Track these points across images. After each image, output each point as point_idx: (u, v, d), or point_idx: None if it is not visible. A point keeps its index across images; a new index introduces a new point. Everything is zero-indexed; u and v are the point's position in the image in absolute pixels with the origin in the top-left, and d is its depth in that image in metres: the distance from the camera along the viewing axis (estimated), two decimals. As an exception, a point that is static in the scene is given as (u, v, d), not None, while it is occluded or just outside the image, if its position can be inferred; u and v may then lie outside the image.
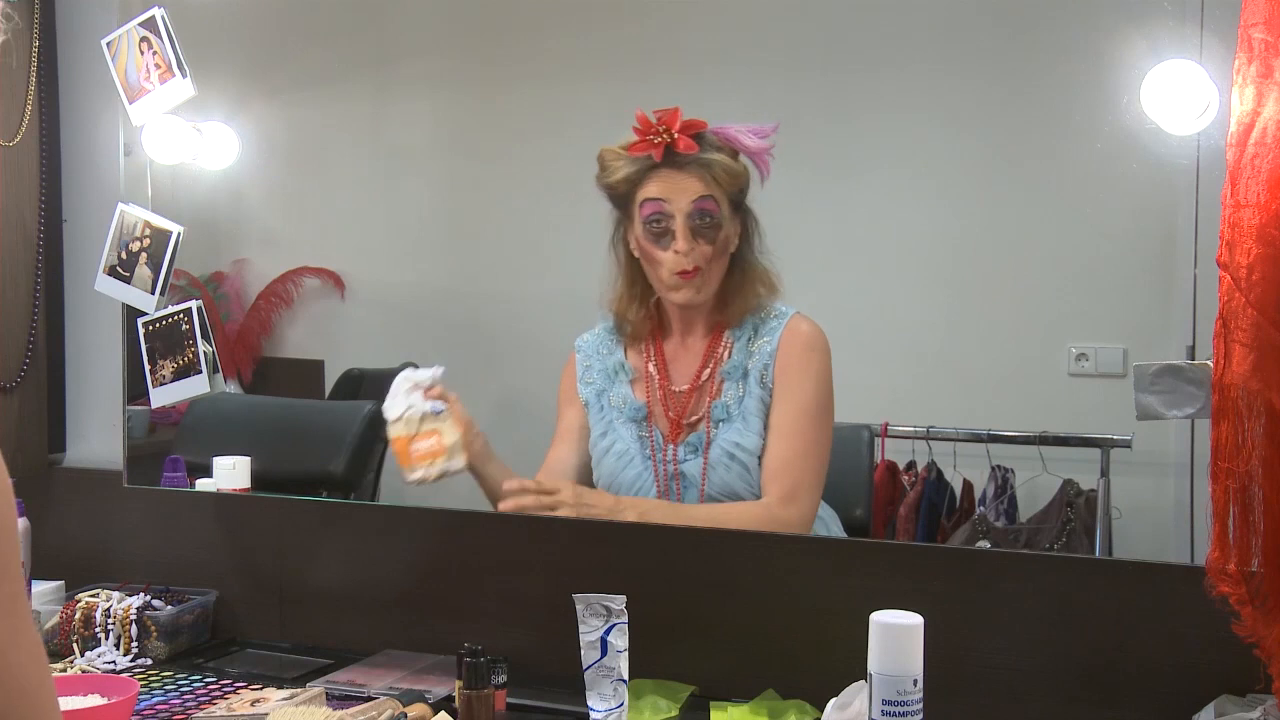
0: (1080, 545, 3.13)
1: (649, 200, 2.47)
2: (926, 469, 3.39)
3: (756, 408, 2.51)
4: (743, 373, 2.52)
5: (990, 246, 3.90)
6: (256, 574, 3.17)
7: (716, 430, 2.53)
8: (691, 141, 2.46)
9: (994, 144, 3.85)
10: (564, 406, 2.64)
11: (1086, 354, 3.76)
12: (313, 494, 3.37)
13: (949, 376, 3.92)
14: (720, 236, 2.44)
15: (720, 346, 2.55)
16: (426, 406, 2.46)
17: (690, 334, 2.56)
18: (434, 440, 2.46)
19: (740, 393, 2.52)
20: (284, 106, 4.65)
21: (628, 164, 2.49)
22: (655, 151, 2.43)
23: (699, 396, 2.54)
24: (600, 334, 2.77)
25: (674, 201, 2.45)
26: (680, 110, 2.43)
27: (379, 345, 4.66)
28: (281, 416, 3.72)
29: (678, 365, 2.58)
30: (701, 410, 2.56)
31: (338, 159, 4.77)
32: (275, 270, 4.77)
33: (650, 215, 2.44)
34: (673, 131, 2.46)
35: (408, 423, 2.45)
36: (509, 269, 4.60)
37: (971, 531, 3.22)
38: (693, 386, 2.54)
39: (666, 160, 2.45)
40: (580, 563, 2.72)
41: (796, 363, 2.54)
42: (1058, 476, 3.30)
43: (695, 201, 2.45)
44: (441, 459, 2.44)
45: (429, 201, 4.68)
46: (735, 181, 2.50)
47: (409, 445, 2.46)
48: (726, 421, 2.52)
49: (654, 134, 2.47)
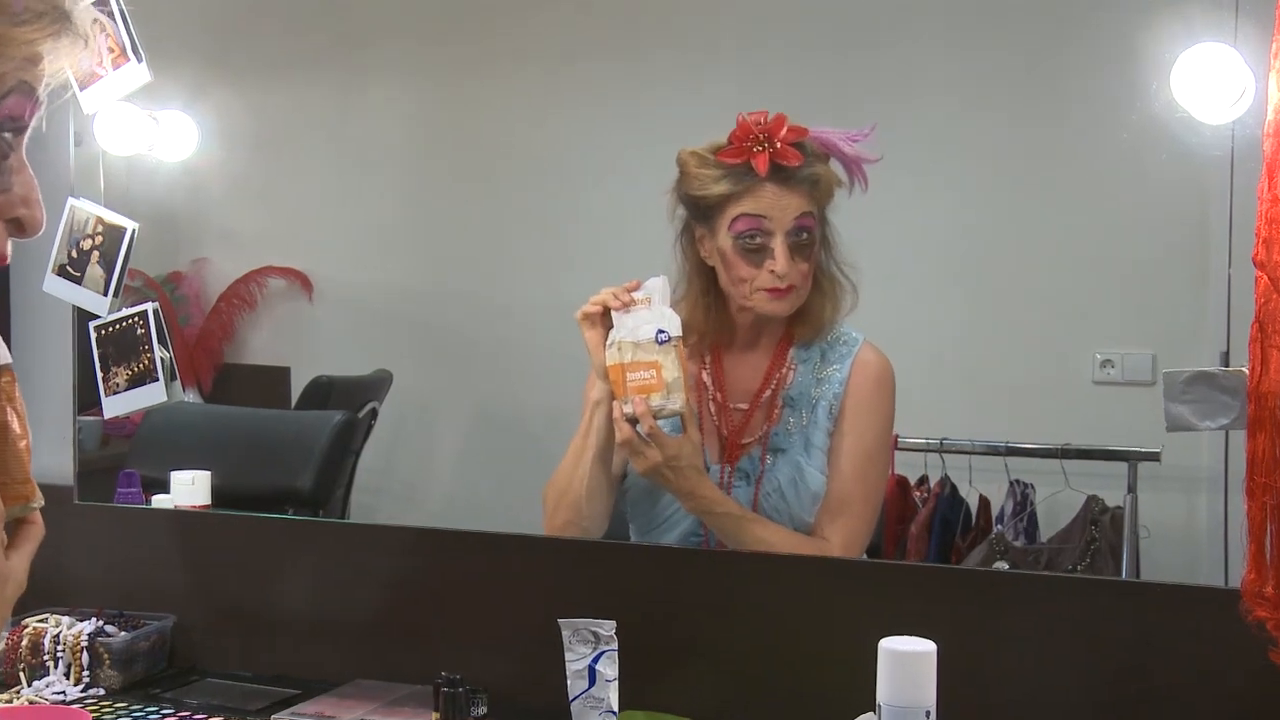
0: (1105, 566, 3.13)
1: (745, 216, 2.41)
2: (940, 484, 3.39)
3: (823, 443, 2.48)
4: (808, 401, 2.50)
5: (1008, 244, 3.90)
6: (217, 597, 3.17)
7: (774, 460, 2.50)
8: (797, 153, 2.40)
9: (1011, 134, 3.85)
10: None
11: (1112, 360, 3.76)
12: (278, 511, 3.37)
13: (964, 384, 3.92)
14: (815, 252, 2.42)
15: (784, 366, 2.52)
16: (650, 332, 2.36)
17: (753, 346, 2.53)
18: (651, 373, 2.37)
19: (804, 422, 2.50)
20: (247, 93, 4.64)
21: (724, 177, 2.41)
22: (758, 163, 2.37)
23: (756, 418, 2.52)
24: None
25: (774, 219, 2.40)
26: (785, 117, 2.37)
27: (349, 351, 4.65)
28: (244, 427, 3.72)
29: (736, 379, 2.55)
30: (757, 433, 2.53)
31: (305, 150, 4.76)
32: (237, 270, 4.77)
33: (746, 232, 2.39)
34: (775, 141, 2.40)
35: (621, 348, 2.37)
36: (491, 269, 4.59)
37: (988, 551, 3.22)
38: (752, 406, 2.52)
39: (771, 174, 2.40)
40: (567, 584, 2.72)
41: (866, 400, 2.52)
42: (1081, 492, 3.30)
43: (797, 219, 2.40)
44: (658, 394, 2.36)
45: (403, 196, 4.67)
46: (831, 194, 2.47)
47: (624, 374, 2.38)
48: (785, 453, 2.50)
49: (755, 142, 2.40)
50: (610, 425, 2.44)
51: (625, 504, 2.70)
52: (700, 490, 2.46)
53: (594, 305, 2.46)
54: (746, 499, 2.53)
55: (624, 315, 2.44)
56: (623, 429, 2.40)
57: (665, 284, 2.48)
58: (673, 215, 2.51)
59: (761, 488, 2.51)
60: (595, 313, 2.47)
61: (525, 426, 4.41)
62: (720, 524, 2.50)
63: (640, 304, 2.43)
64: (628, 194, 3.91)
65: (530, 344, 4.37)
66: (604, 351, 2.42)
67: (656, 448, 2.39)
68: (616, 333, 2.43)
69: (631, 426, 2.38)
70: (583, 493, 2.55)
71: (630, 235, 3.93)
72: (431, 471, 4.71)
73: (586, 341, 2.41)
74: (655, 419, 2.37)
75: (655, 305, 2.43)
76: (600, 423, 2.49)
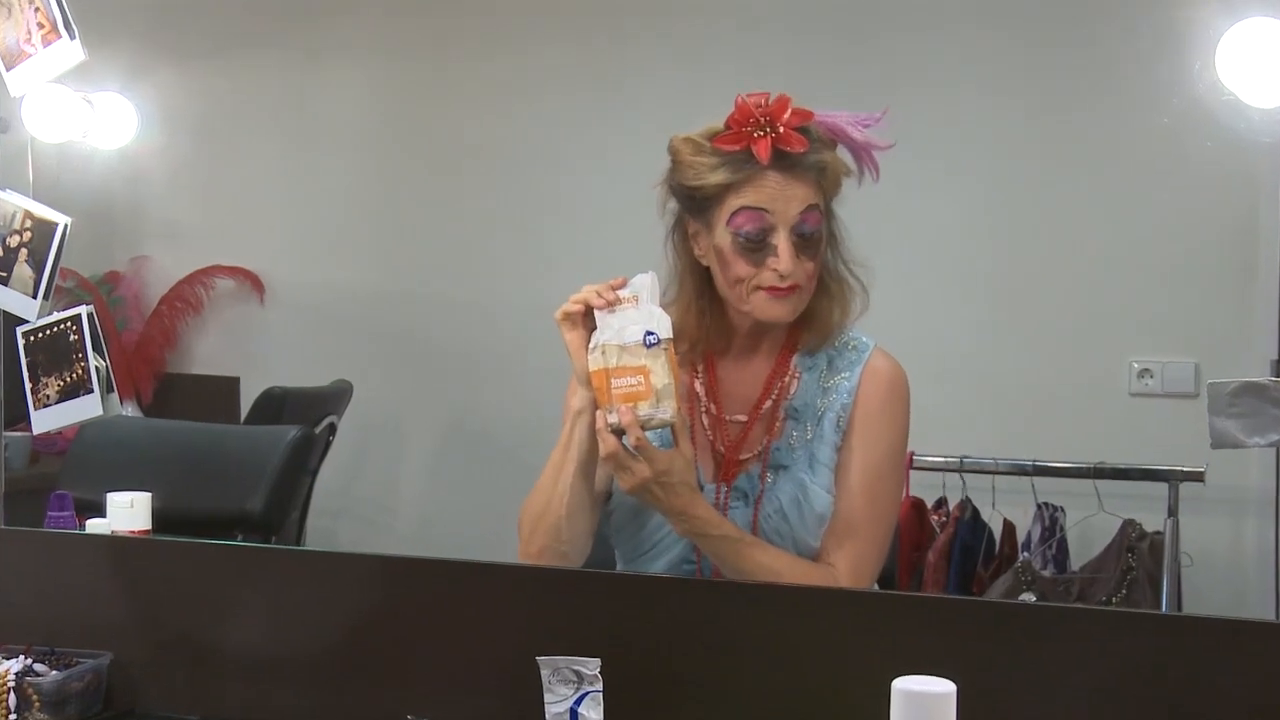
0: (1144, 598, 3.12)
1: (746, 209, 2.35)
2: (960, 507, 3.39)
3: (829, 459, 2.45)
4: (813, 414, 2.46)
5: (1034, 241, 3.90)
6: (159, 633, 3.15)
7: (774, 478, 2.47)
8: (802, 138, 2.36)
9: (1038, 120, 3.85)
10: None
11: (1151, 370, 3.75)
12: (227, 537, 3.36)
13: (986, 396, 3.91)
14: (822, 249, 2.38)
15: (786, 374, 2.48)
16: (637, 334, 2.32)
17: (753, 353, 2.49)
18: (639, 379, 2.33)
19: (808, 436, 2.45)
20: (192, 74, 4.64)
21: (721, 165, 2.36)
22: (759, 150, 2.33)
23: (755, 431, 2.48)
24: None
25: (777, 212, 2.35)
26: (788, 98, 2.34)
27: (305, 359, 4.64)
28: (188, 444, 3.70)
29: (733, 389, 2.50)
30: (756, 448, 2.50)
31: (256, 137, 4.75)
32: (181, 270, 4.76)
33: (746, 227, 2.36)
34: (778, 125, 2.36)
35: (605, 351, 2.34)
36: (463, 268, 4.58)
37: (1014, 582, 3.22)
38: (751, 419, 2.47)
39: (773, 162, 2.36)
40: (547, 617, 2.70)
41: (878, 411, 2.47)
42: (1117, 516, 3.29)
43: (803, 212, 2.35)
44: (646, 403, 2.33)
45: (366, 188, 4.66)
46: (839, 185, 2.43)
47: (608, 380, 2.34)
48: (788, 470, 2.46)
49: (755, 126, 2.36)
50: (593, 437, 2.41)
51: (609, 526, 2.67)
52: (693, 510, 2.42)
53: (575, 304, 2.43)
54: (745, 521, 2.50)
55: (608, 315, 2.42)
56: (607, 441, 2.37)
57: (654, 281, 2.45)
58: (663, 210, 2.48)
59: (761, 508, 2.48)
60: (576, 312, 2.43)
61: (502, 442, 4.40)
62: (715, 548, 2.47)
63: (626, 303, 2.40)
64: (613, 186, 3.90)
65: (507, 350, 4.36)
66: (586, 355, 2.40)
67: (644, 462, 2.35)
68: (600, 335, 2.41)
69: (617, 438, 2.35)
70: (562, 513, 2.52)
71: (616, 231, 3.91)
72: (397, 492, 4.70)
73: (567, 344, 2.38)
74: (643, 430, 2.34)
75: (643, 304, 2.41)
76: (582, 434, 2.46)
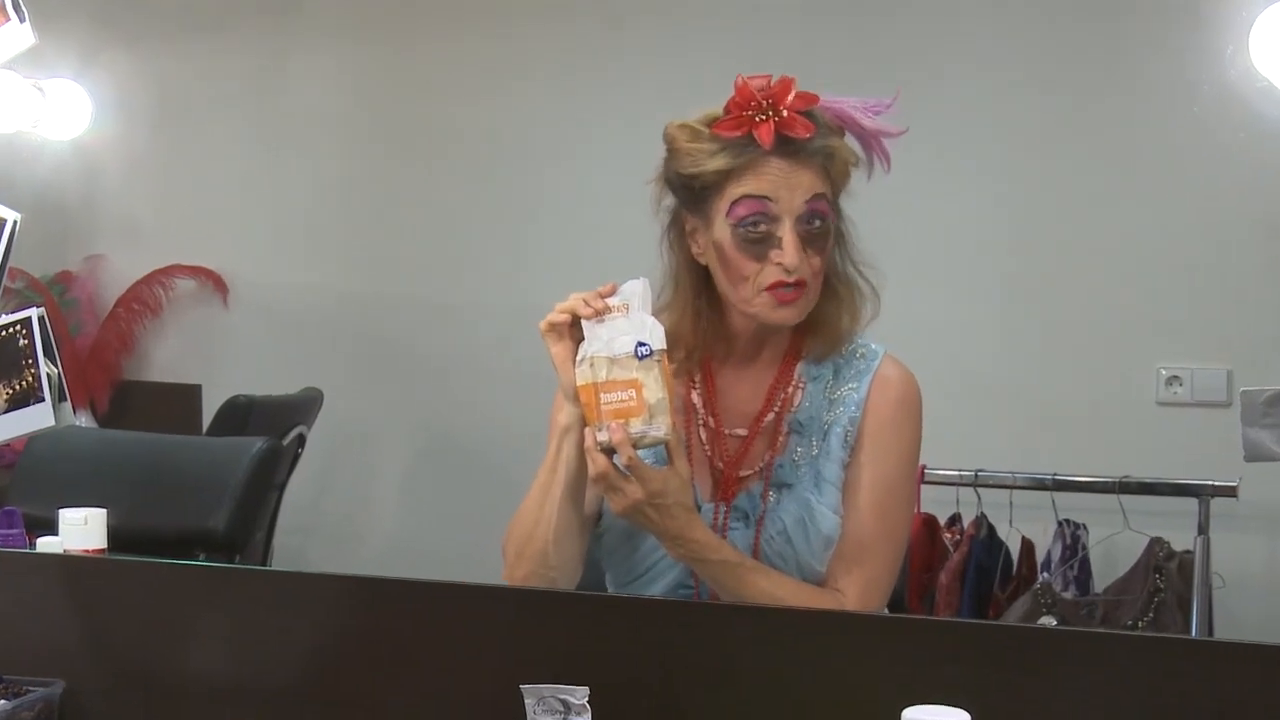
0: (1172, 622, 3.13)
1: (748, 198, 2.34)
2: (975, 524, 3.40)
3: (836, 476, 2.44)
4: (819, 427, 2.45)
5: (1055, 239, 3.90)
6: (115, 659, 3.16)
7: (778, 497, 2.47)
8: (807, 122, 2.36)
9: (1060, 108, 3.85)
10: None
11: (1180, 377, 3.75)
12: (187, 556, 3.36)
13: (1003, 405, 3.91)
14: (830, 244, 2.38)
15: (790, 384, 2.47)
16: (628, 345, 2.32)
17: (753, 361, 2.48)
18: (630, 394, 2.33)
19: (813, 451, 2.44)
20: (150, 59, 4.63)
21: (721, 150, 2.36)
22: (762, 134, 2.33)
23: (757, 447, 2.48)
24: None
25: (782, 201, 2.34)
26: (793, 80, 2.34)
27: (271, 365, 4.63)
28: (146, 457, 3.70)
29: (732, 400, 2.50)
30: (757, 465, 2.49)
31: (220, 127, 4.75)
32: (139, 270, 4.75)
33: (748, 217, 2.34)
34: (781, 109, 2.36)
35: (594, 364, 2.34)
36: (441, 269, 4.58)
37: (1033, 604, 3.23)
38: (752, 433, 2.47)
39: (777, 147, 2.36)
40: (532, 643, 2.71)
41: (889, 424, 2.46)
42: (1143, 534, 3.30)
43: (809, 201, 2.34)
44: (638, 419, 2.32)
45: (337, 182, 4.66)
46: (847, 175, 2.43)
47: (597, 395, 2.34)
48: (791, 489, 2.46)
49: (757, 110, 2.36)
50: (582, 456, 2.41)
51: (600, 549, 2.67)
52: (689, 533, 2.42)
53: (560, 314, 2.43)
54: (745, 544, 2.49)
55: (597, 325, 2.41)
56: (596, 460, 2.36)
57: (646, 288, 2.44)
58: (658, 207, 2.48)
59: (763, 530, 2.48)
60: (562, 323, 2.43)
61: (483, 455, 4.40)
62: (714, 574, 2.47)
63: (616, 312, 2.40)
64: (604, 179, 3.90)
65: (489, 356, 4.36)
66: (573, 369, 2.40)
67: (637, 483, 2.35)
68: (588, 346, 2.40)
69: (607, 457, 2.35)
70: (550, 537, 2.52)
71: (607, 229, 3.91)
72: (370, 509, 4.70)
73: (552, 357, 2.38)
74: (635, 448, 2.34)
75: (634, 313, 2.41)
76: (570, 453, 2.45)
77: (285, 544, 3.97)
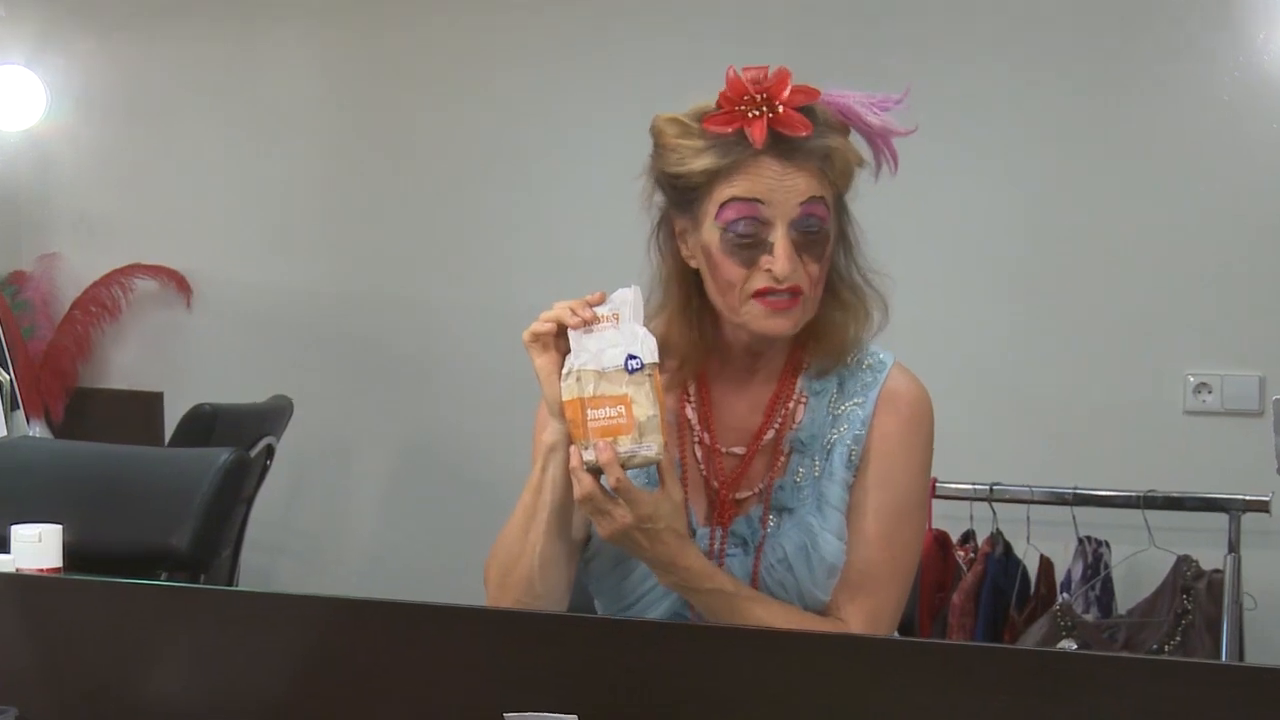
0: (1200, 645, 3.12)
1: (737, 201, 2.30)
2: (989, 541, 3.39)
3: (840, 499, 2.41)
4: (822, 445, 2.42)
5: (1075, 239, 3.88)
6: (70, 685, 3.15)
7: (778, 521, 2.44)
8: (805, 120, 2.32)
9: (1080, 100, 3.84)
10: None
11: (1209, 384, 3.74)
12: (149, 576, 3.35)
13: (1019, 414, 3.90)
14: (828, 250, 2.34)
15: (791, 399, 2.44)
16: (618, 358, 2.28)
17: (752, 372, 2.45)
18: (619, 410, 2.29)
19: (816, 472, 2.41)
20: (109, 44, 4.62)
21: (709, 149, 2.31)
22: (754, 131, 2.28)
23: (755, 467, 2.45)
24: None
25: (774, 204, 2.30)
26: (789, 72, 2.31)
27: (238, 372, 4.62)
28: (105, 469, 3.69)
29: (729, 416, 2.47)
30: (756, 486, 2.46)
31: (184, 117, 4.73)
32: (97, 269, 4.74)
33: (737, 221, 2.31)
34: (776, 103, 2.32)
35: (580, 378, 2.30)
36: (421, 270, 4.57)
37: (1051, 627, 3.22)
38: (750, 451, 2.44)
39: (770, 145, 2.32)
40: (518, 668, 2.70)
41: (897, 444, 2.42)
42: (1169, 552, 3.29)
43: (804, 205, 2.29)
44: (627, 438, 2.28)
45: (309, 177, 4.64)
46: (850, 176, 2.39)
47: (584, 411, 2.30)
48: (793, 513, 2.43)
49: (750, 105, 2.32)
50: (568, 477, 2.39)
51: (588, 575, 2.65)
52: (681, 561, 2.40)
53: (545, 323, 2.40)
54: (744, 571, 2.47)
55: (584, 336, 2.39)
56: (582, 481, 2.33)
57: (638, 296, 2.41)
58: (648, 204, 2.45)
59: (763, 557, 2.45)
60: (547, 333, 2.40)
61: (464, 468, 4.38)
62: (709, 603, 2.46)
63: (605, 321, 2.38)
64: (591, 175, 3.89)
65: (471, 363, 4.34)
66: (559, 382, 2.38)
67: (626, 506, 2.33)
68: (575, 359, 2.38)
69: (593, 478, 2.33)
70: (535, 564, 2.49)
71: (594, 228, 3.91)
72: (345, 525, 4.69)
73: (536, 370, 2.35)
74: (624, 469, 2.31)
75: (625, 323, 2.38)
76: (555, 474, 2.42)
77: (253, 563, 3.96)
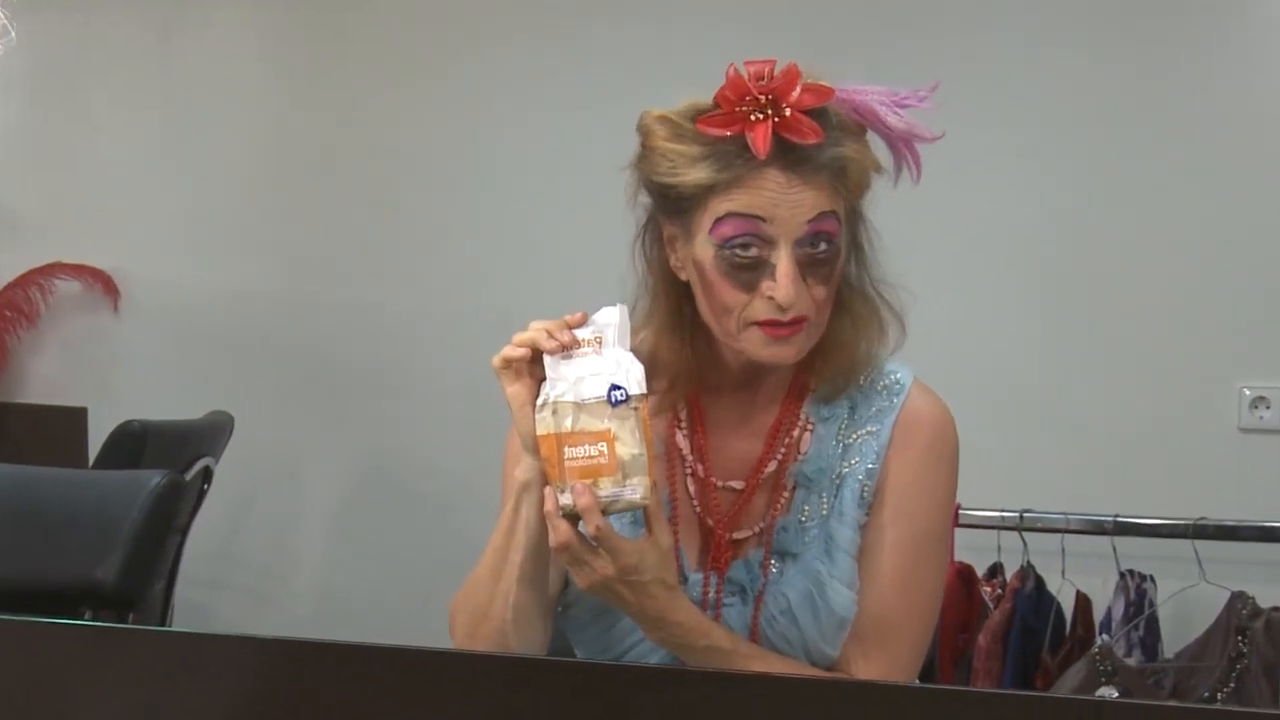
0: (1258, 693, 3.13)
1: (735, 216, 2.23)
2: (1019, 576, 3.39)
3: (850, 543, 2.37)
4: (830, 480, 2.38)
5: (1116, 241, 3.88)
6: (-18, 738, 3.15)
7: (781, 567, 2.41)
8: (815, 126, 2.25)
9: (1118, 81, 3.85)
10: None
11: (1266, 398, 3.73)
12: (71, 614, 3.35)
13: (1053, 435, 3.90)
14: (838, 270, 2.28)
15: (795, 426, 2.39)
16: (599, 388, 2.22)
17: (751, 394, 2.39)
18: (600, 448, 2.23)
19: (823, 511, 2.36)
20: (26, 18, 4.63)
21: (705, 157, 2.23)
22: (756, 138, 2.21)
23: (756, 504, 2.41)
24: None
25: (778, 221, 2.23)
26: (798, 70, 2.25)
27: (172, 384, 4.61)
28: (21, 494, 3.69)
29: (726, 446, 2.43)
30: (756, 526, 2.43)
31: (109, 99, 4.74)
32: (11, 270, 4.74)
33: (735, 239, 2.25)
34: (783, 105, 2.26)
35: (557, 410, 2.24)
36: (372, 272, 4.56)
37: (1089, 672, 3.22)
38: (750, 486, 2.40)
39: (775, 155, 2.26)
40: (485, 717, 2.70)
41: (918, 472, 2.35)
42: (1223, 588, 3.30)
43: (812, 222, 2.23)
44: (609, 479, 2.22)
45: (250, 167, 4.65)
46: (865, 187, 2.32)
47: (560, 448, 2.24)
48: (798, 558, 2.39)
49: (753, 107, 2.26)
50: (543, 520, 2.34)
51: (566, 623, 2.61)
52: (672, 615, 2.35)
53: (518, 348, 2.35)
54: (742, 624, 2.44)
55: (562, 363, 2.33)
56: (558, 529, 2.26)
57: (624, 317, 2.35)
58: (633, 201, 2.40)
59: (764, 608, 2.42)
60: (520, 358, 2.35)
61: (426, 494, 4.39)
62: (703, 661, 2.44)
63: (587, 346, 2.33)
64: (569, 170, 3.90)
65: (432, 376, 4.34)
66: (533, 414, 2.32)
67: (606, 557, 2.29)
68: (551, 388, 2.33)
69: (571, 525, 2.28)
70: (508, 617, 2.44)
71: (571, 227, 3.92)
72: (292, 557, 4.68)
73: (508, 400, 2.30)
74: (605, 514, 2.27)
75: (608, 348, 2.33)
76: (529, 515, 2.36)
77: (188, 599, 3.96)
